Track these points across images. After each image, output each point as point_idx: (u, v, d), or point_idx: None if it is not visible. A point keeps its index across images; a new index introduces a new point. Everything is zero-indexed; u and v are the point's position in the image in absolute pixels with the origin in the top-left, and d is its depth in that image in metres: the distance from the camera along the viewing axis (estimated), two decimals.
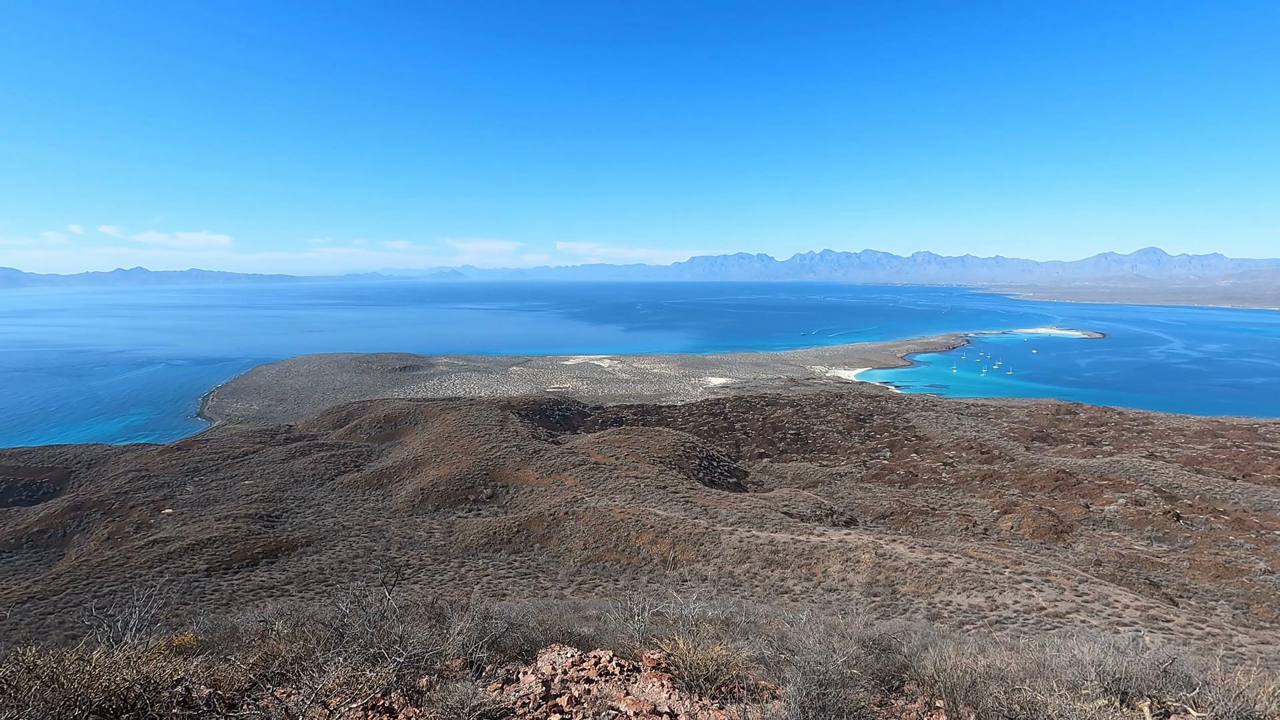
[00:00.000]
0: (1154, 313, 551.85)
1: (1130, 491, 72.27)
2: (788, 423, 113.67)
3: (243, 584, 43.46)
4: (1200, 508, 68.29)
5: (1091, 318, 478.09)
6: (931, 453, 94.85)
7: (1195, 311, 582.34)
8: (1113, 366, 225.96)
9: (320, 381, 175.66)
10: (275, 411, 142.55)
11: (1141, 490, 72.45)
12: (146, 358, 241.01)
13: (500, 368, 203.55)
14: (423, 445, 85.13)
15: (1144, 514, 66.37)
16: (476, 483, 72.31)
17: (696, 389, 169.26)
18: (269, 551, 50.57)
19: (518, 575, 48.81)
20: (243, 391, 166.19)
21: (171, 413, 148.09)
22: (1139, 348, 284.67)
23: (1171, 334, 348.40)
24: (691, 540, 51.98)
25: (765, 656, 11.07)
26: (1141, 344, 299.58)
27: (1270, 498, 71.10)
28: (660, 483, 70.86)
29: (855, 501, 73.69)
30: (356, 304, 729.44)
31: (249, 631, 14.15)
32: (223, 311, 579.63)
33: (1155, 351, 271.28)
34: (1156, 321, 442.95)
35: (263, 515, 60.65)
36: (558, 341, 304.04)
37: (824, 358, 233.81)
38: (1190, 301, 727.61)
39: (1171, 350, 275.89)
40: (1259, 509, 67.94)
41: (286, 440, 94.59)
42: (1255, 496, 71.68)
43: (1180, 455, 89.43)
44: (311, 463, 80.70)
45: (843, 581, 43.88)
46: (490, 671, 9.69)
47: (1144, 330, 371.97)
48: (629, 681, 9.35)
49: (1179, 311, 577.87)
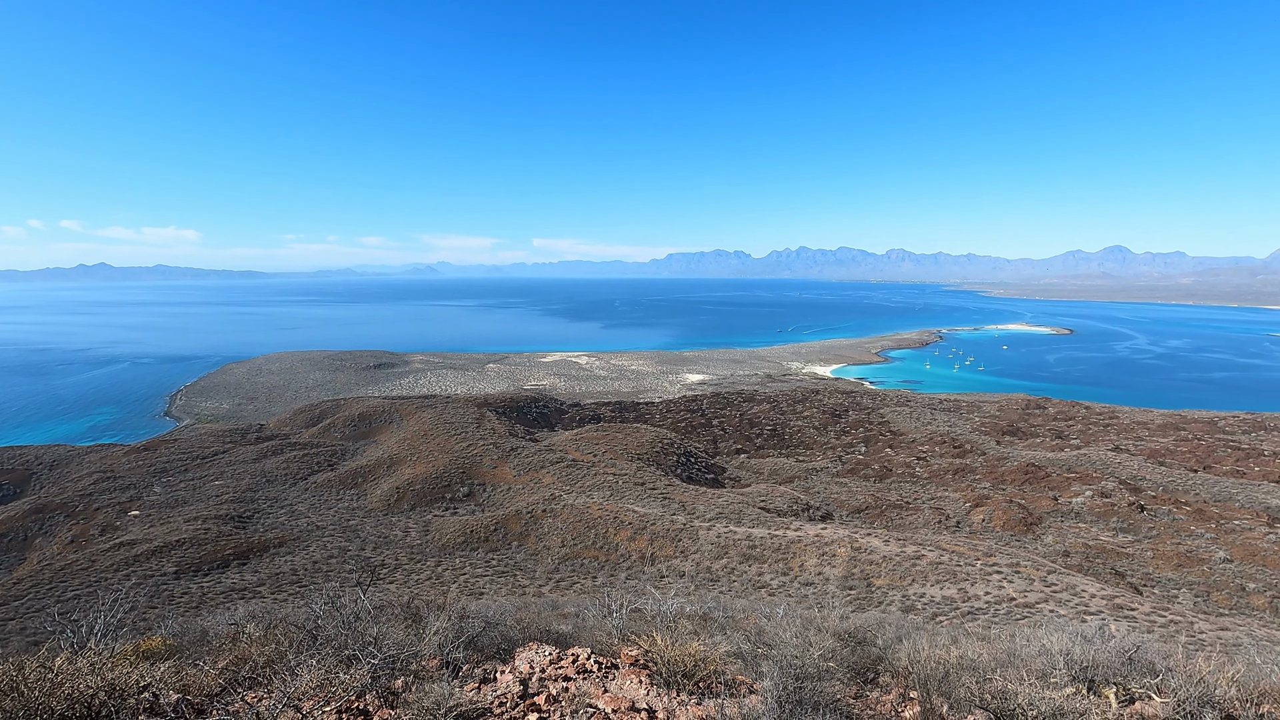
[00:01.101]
0: (1119, 309, 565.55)
1: (1097, 484, 74.04)
2: (764, 419, 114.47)
3: (213, 586, 42.62)
4: (1163, 499, 70.18)
5: (1060, 314, 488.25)
6: (905, 447, 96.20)
7: (1159, 308, 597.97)
8: (1080, 362, 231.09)
9: (292, 380, 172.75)
10: (246, 410, 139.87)
11: (1107, 483, 74.25)
12: (111, 356, 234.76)
13: (477, 365, 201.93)
14: (398, 444, 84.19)
15: (1110, 506, 68.06)
16: (453, 481, 71.71)
17: (674, 386, 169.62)
18: (240, 553, 49.64)
19: (495, 574, 48.54)
20: (212, 390, 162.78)
21: (138, 412, 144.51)
22: (1105, 343, 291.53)
23: (1136, 330, 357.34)
24: (669, 537, 52.13)
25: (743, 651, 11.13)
26: (1108, 340, 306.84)
27: (1230, 489, 73.34)
28: (638, 479, 70.93)
29: (831, 496, 74.48)
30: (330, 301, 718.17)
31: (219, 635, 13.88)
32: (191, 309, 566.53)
33: (1121, 347, 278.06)
34: (1122, 318, 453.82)
35: (234, 516, 59.51)
36: (535, 339, 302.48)
37: (800, 354, 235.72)
38: (1154, 298, 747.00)
39: (1136, 346, 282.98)
40: (1219, 500, 70.04)
41: (258, 439, 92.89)
42: (1215, 487, 73.87)
43: (1144, 448, 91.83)
44: (284, 462, 79.36)
45: (819, 575, 44.35)
46: (467, 671, 9.61)
47: (1110, 326, 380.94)
48: (607, 679, 9.35)
49: (1143, 308, 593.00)
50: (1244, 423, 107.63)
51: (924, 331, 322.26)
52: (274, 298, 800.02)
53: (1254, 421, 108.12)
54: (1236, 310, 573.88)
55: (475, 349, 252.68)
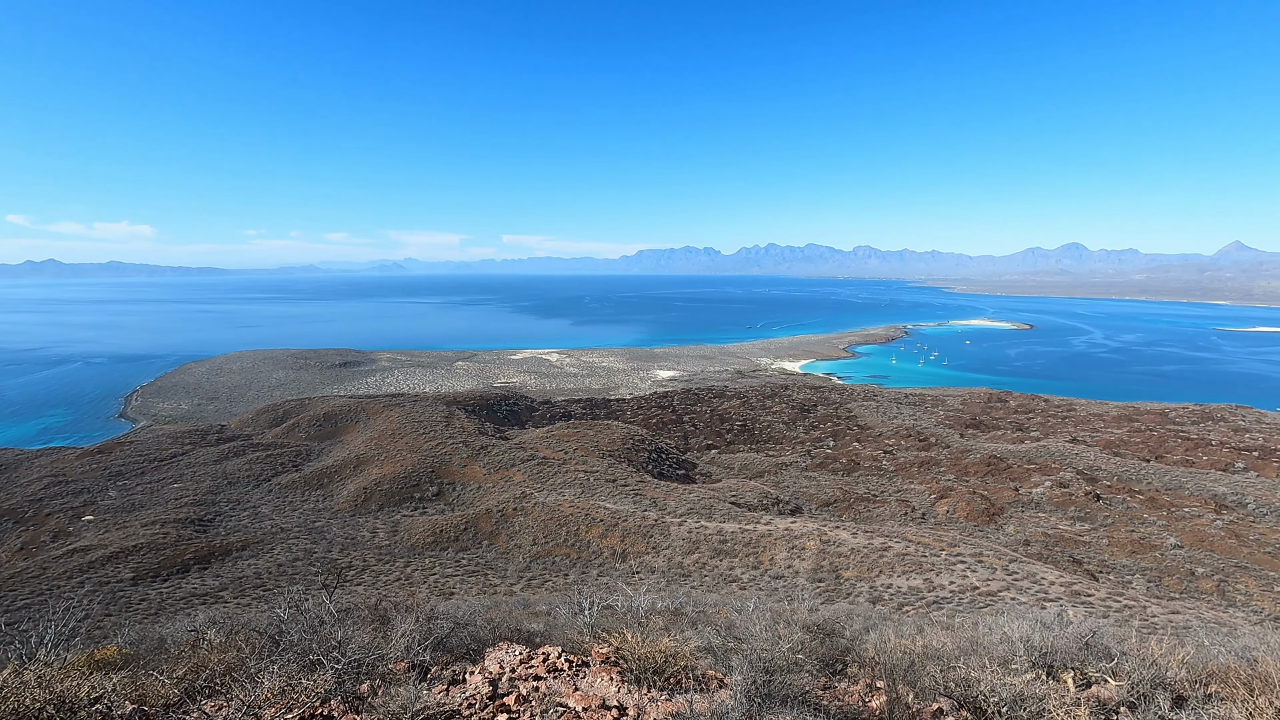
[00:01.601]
0: (1076, 305, 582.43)
1: (1055, 474, 76.22)
2: (735, 414, 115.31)
3: (173, 592, 41.45)
4: (1118, 488, 72.56)
5: (1020, 309, 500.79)
6: (872, 441, 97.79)
7: (1113, 303, 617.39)
8: (1039, 356, 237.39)
9: (255, 379, 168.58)
10: (206, 411, 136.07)
11: (1065, 473, 76.49)
12: (62, 355, 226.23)
13: (445, 363, 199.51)
14: (365, 443, 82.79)
15: (1068, 495, 70.14)
16: (422, 480, 70.80)
17: (645, 382, 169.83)
18: (201, 557, 48.35)
19: (466, 573, 48.10)
20: (170, 390, 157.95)
21: (91, 414, 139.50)
22: (1063, 338, 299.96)
23: (1092, 325, 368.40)
24: (641, 533, 52.23)
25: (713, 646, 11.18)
26: (1065, 334, 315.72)
27: (1180, 477, 76.13)
28: (609, 476, 70.90)
29: (800, 490, 75.38)
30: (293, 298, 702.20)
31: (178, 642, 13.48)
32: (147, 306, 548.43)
33: (1078, 341, 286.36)
34: (1079, 313, 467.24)
35: (194, 519, 57.93)
36: (504, 336, 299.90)
37: (769, 350, 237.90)
38: (1109, 294, 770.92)
39: (1092, 340, 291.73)
40: (1170, 488, 72.66)
41: (219, 440, 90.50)
42: (1166, 476, 76.62)
43: (1100, 439, 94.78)
44: (246, 463, 77.47)
45: (789, 569, 44.88)
46: (436, 673, 9.49)
47: (1067, 322, 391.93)
48: (578, 677, 9.31)
49: (1099, 303, 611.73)
50: (1193, 414, 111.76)
51: (890, 327, 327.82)
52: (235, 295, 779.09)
53: (1202, 413, 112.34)
54: (1185, 305, 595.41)
55: (444, 346, 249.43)
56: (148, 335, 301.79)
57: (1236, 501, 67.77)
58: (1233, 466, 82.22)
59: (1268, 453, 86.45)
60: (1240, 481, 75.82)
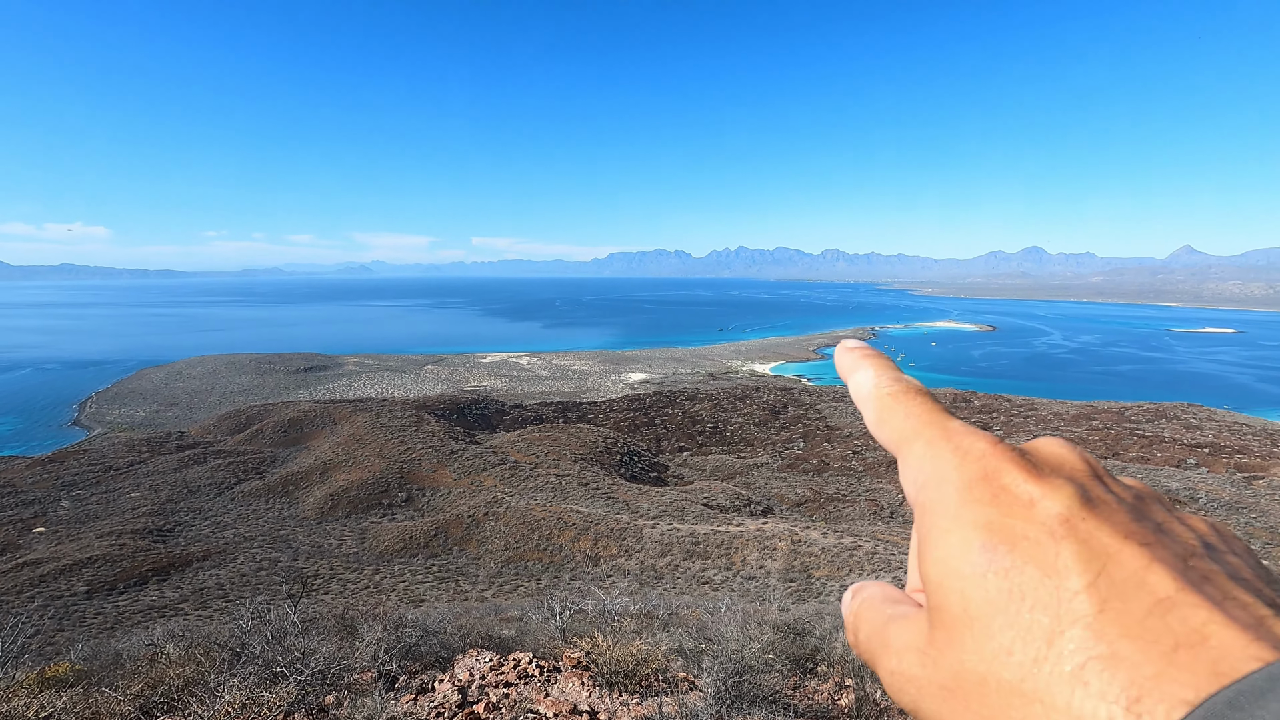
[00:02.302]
0: (1037, 306, 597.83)
1: None
2: (706, 416, 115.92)
3: (130, 605, 40.14)
4: None
5: (984, 311, 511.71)
6: (842, 442, 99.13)
7: (1072, 305, 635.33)
8: (1002, 357, 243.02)
9: (216, 384, 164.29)
10: (165, 418, 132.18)
11: None
12: (10, 361, 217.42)
13: (414, 367, 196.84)
14: (332, 449, 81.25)
15: None
16: (391, 486, 69.73)
17: (617, 385, 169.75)
18: (160, 568, 46.93)
19: (436, 580, 47.48)
20: (126, 397, 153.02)
21: (42, 421, 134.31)
22: (1025, 339, 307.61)
23: (1052, 326, 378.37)
24: (614, 536, 52.15)
25: (685, 648, 11.21)
26: (1027, 336, 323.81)
27: (1136, 474, 78.48)
28: (582, 479, 70.68)
29: (772, 491, 76.02)
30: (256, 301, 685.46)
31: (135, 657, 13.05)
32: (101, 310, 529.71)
33: (1039, 342, 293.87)
34: (1039, 315, 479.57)
35: (152, 530, 56.20)
36: (475, 339, 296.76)
37: (740, 352, 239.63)
38: (1067, 296, 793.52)
39: (1052, 341, 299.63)
40: None
41: (179, 448, 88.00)
42: (1122, 473, 78.73)
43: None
44: (207, 471, 75.45)
45: (760, 569, 45.23)
46: (404, 682, 9.35)
47: (1028, 323, 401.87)
48: (549, 682, 9.25)
49: (1058, 305, 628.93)
50: (1147, 412, 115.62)
51: (858, 329, 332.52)
52: (195, 298, 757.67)
53: (1156, 411, 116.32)
54: (1139, 307, 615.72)
55: (412, 350, 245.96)
56: (103, 340, 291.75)
57: (1189, 497, 70.20)
58: (1185, 463, 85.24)
59: (1217, 449, 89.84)
60: (1192, 477, 78.61)
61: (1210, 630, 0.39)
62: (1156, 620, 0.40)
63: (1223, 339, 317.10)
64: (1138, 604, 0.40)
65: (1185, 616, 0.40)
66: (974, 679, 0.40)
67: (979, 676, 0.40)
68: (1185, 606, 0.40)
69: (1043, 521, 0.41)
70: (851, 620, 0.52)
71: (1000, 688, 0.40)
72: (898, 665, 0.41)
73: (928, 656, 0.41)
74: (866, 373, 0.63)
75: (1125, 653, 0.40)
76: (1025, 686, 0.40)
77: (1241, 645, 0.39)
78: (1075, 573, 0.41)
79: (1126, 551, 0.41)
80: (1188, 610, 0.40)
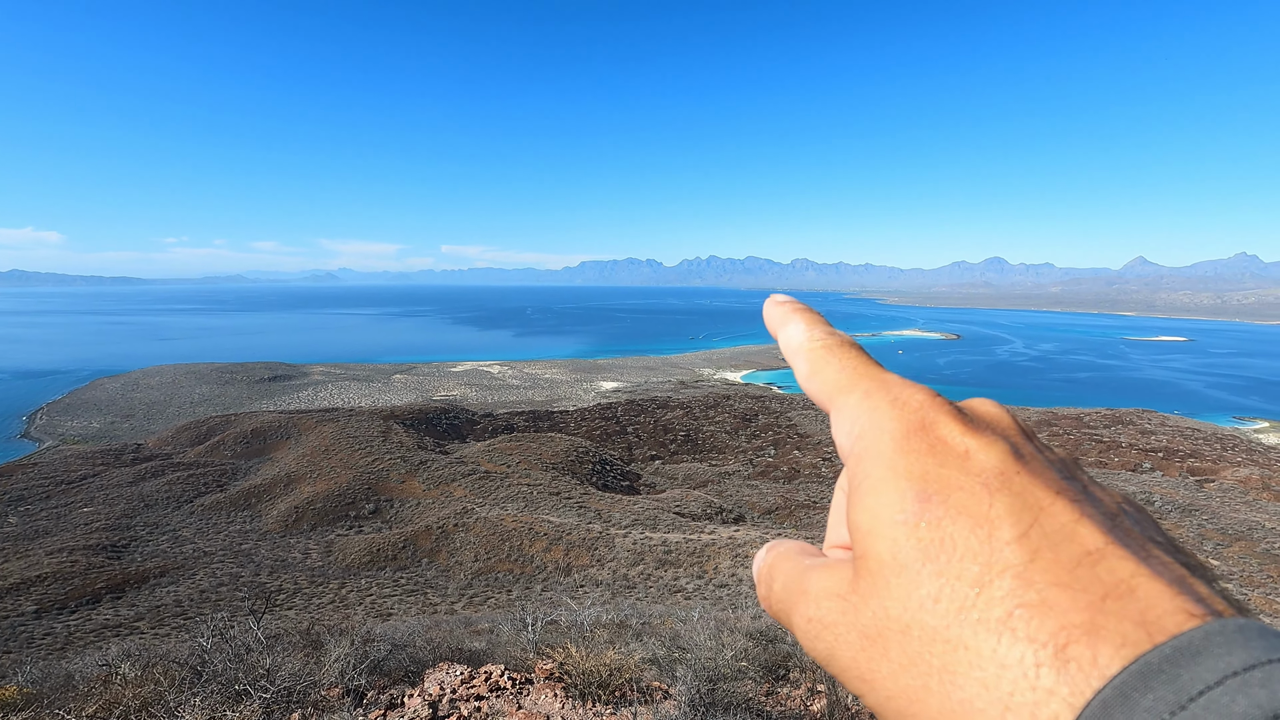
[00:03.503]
0: (999, 315, 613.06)
1: None
2: (678, 424, 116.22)
3: (82, 625, 38.61)
4: None
5: (948, 320, 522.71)
6: (812, 449, 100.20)
7: (1032, 314, 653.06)
8: (966, 365, 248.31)
9: (175, 394, 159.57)
10: (121, 429, 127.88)
11: None
12: None
13: (382, 376, 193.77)
14: (296, 460, 79.46)
15: None
16: (358, 498, 68.40)
17: (589, 394, 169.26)
18: (115, 586, 45.29)
19: (405, 593, 46.66)
20: (80, 408, 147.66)
21: None
22: (988, 347, 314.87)
23: (1014, 335, 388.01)
24: (586, 545, 51.88)
25: (659, 657, 11.19)
26: (990, 344, 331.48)
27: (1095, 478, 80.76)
28: (553, 489, 70.25)
29: (743, 499, 76.42)
30: (218, 309, 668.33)
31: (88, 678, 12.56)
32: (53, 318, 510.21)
33: (1001, 350, 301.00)
34: (1001, 323, 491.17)
35: (106, 545, 54.24)
36: (444, 348, 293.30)
37: (712, 360, 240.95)
38: (1028, 305, 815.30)
39: (1014, 349, 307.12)
40: None
41: (135, 460, 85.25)
42: None
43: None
44: (166, 484, 73.16)
45: (733, 577, 45.37)
46: (372, 698, 9.16)
47: (991, 331, 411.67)
48: (521, 695, 9.16)
49: (1019, 314, 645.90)
50: (1105, 418, 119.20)
51: None
52: (153, 305, 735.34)
53: (1113, 416, 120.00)
54: (1096, 316, 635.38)
55: (380, 359, 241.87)
56: (55, 349, 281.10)
57: (1145, 499, 72.39)
58: (1140, 467, 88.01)
59: (1170, 453, 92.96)
60: (1148, 480, 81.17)
61: (1137, 583, 0.41)
62: (1086, 571, 0.41)
63: (1175, 347, 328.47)
64: (1068, 555, 0.41)
65: (1113, 568, 0.41)
66: (897, 626, 0.40)
67: (903, 623, 0.40)
68: (1113, 559, 0.41)
69: (978, 473, 0.42)
70: (765, 572, 0.50)
71: (924, 634, 0.40)
72: (815, 612, 0.41)
73: (849, 603, 0.40)
74: (797, 326, 0.63)
75: (1055, 600, 0.41)
76: (950, 633, 0.40)
77: (1167, 598, 0.41)
78: (1008, 524, 0.41)
79: (1058, 506, 0.42)
80: (1116, 563, 0.41)
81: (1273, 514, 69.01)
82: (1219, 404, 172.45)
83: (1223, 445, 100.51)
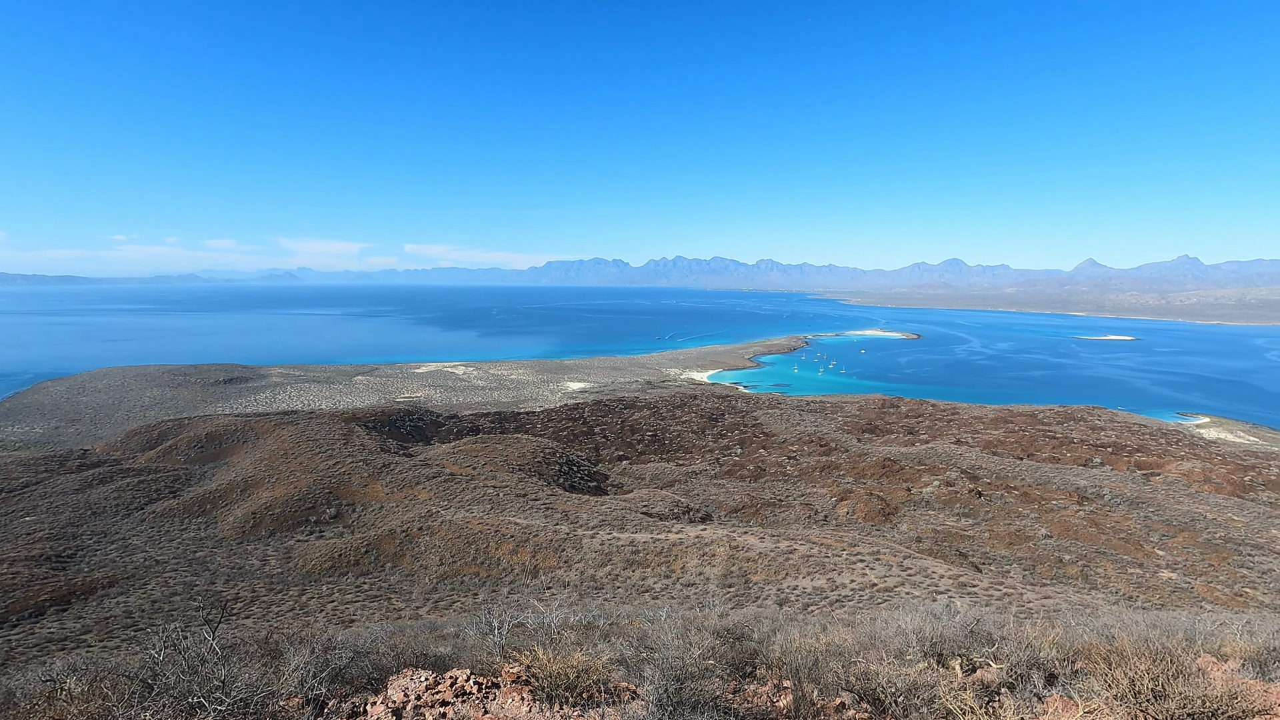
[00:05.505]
0: (958, 315, 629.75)
1: (943, 474, 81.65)
2: (645, 425, 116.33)
3: (24, 639, 36.92)
4: (997, 485, 78.63)
5: (909, 320, 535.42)
6: (777, 448, 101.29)
7: (989, 314, 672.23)
8: (926, 364, 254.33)
9: (124, 398, 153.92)
10: (66, 435, 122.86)
11: (951, 472, 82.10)
12: None
13: (344, 377, 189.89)
14: (254, 465, 77.30)
15: (954, 493, 75.29)
16: (318, 502, 66.82)
17: (555, 394, 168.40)
18: (59, 598, 43.44)
19: (367, 599, 45.75)
20: (21, 412, 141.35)
21: None
22: (947, 347, 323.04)
23: (972, 334, 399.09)
24: (553, 547, 51.56)
25: (626, 657, 11.18)
26: (949, 343, 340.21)
27: (1048, 473, 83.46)
28: (520, 491, 69.65)
29: (710, 498, 76.86)
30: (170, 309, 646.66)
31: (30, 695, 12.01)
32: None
33: (959, 350, 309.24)
34: (960, 324, 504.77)
35: (50, 556, 52.01)
36: (408, 349, 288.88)
37: (678, 360, 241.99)
38: (985, 306, 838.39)
39: (972, 349, 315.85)
40: (1039, 483, 79.49)
41: (81, 467, 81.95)
42: (1037, 473, 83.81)
43: (980, 440, 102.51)
44: (114, 491, 70.47)
45: (700, 576, 45.59)
46: (334, 707, 8.95)
47: (950, 331, 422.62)
48: (488, 699, 9.05)
49: (977, 314, 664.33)
50: (1058, 415, 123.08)
51: (792, 337, 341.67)
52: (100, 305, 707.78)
53: (1065, 413, 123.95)
54: (1049, 316, 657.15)
55: (341, 360, 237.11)
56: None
57: (1095, 493, 75.02)
58: (1091, 461, 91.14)
59: (1119, 448, 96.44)
60: (1098, 475, 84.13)
61: None
62: None
63: (1122, 346, 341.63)
64: None
65: None
66: None
67: None
68: None
69: None
70: None
71: None
72: None
73: None
74: None
75: None
76: None
77: None
78: None
79: None
80: None
81: (1214, 506, 72.15)
82: (1163, 400, 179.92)
83: (1167, 440, 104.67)
